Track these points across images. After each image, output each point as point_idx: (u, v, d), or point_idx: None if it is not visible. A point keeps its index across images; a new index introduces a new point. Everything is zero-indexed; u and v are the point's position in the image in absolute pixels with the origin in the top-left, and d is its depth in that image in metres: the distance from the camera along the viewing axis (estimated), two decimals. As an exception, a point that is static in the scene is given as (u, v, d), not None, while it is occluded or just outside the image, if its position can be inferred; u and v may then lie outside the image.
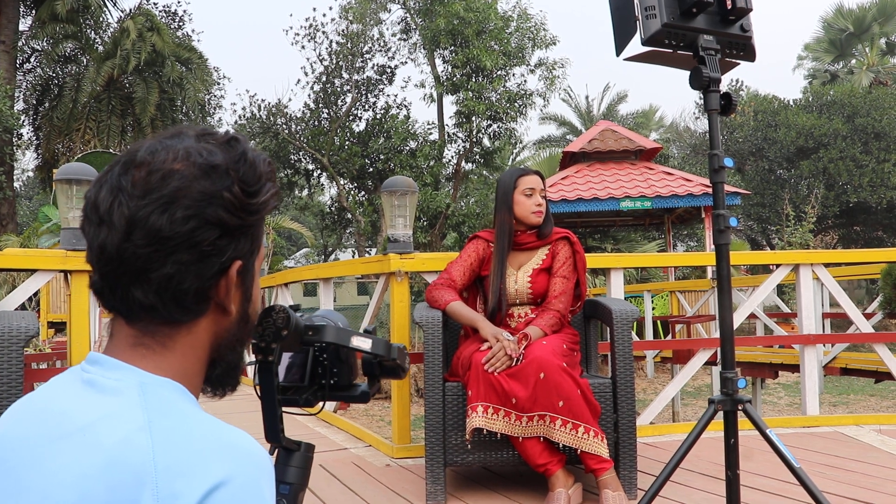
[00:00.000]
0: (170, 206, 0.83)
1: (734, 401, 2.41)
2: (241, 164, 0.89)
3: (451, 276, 3.49)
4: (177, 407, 0.83)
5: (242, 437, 0.82)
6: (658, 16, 2.32)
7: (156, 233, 0.83)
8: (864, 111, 25.42)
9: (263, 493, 0.80)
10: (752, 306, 5.21)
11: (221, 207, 0.86)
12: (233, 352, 0.97)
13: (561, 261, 3.44)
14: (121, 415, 0.79)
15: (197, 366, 0.91)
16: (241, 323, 0.96)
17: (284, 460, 1.13)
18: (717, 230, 2.39)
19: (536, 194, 3.43)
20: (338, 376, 1.26)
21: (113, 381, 0.83)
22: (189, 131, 0.91)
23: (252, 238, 0.92)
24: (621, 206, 13.25)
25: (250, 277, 0.95)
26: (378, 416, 9.88)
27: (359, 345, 1.19)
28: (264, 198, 0.91)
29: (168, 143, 0.88)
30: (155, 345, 0.88)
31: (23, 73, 23.13)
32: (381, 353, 1.21)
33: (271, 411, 1.14)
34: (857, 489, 3.25)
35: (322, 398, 1.27)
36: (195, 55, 23.24)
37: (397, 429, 4.24)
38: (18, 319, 3.00)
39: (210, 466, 0.77)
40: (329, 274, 5.92)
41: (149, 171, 0.85)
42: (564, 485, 3.04)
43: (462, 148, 22.21)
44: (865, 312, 8.74)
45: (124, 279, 0.85)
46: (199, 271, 0.86)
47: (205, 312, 0.90)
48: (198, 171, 0.85)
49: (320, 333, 1.16)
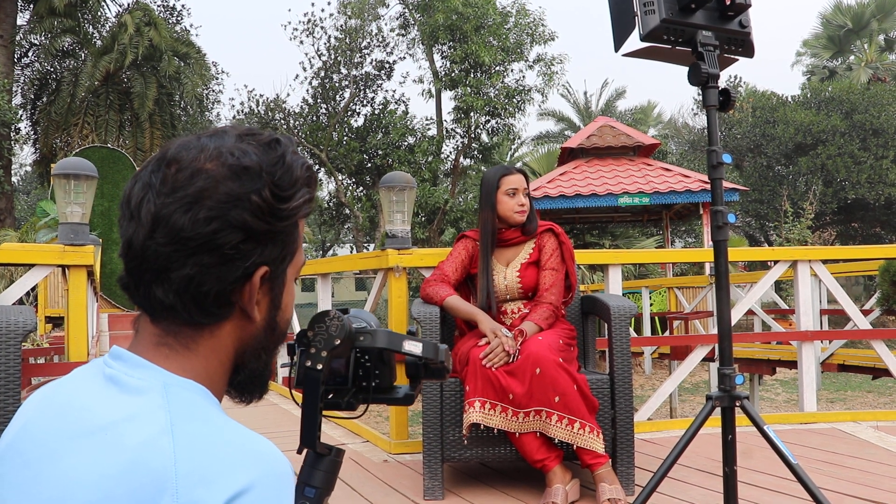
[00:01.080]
0: (193, 205, 0.82)
1: (732, 397, 2.41)
2: (278, 167, 0.87)
3: (445, 272, 3.49)
4: (200, 410, 0.82)
5: (265, 445, 0.81)
6: (656, 11, 2.32)
7: (177, 232, 0.82)
8: (862, 108, 25.42)
9: (284, 502, 0.79)
10: (750, 303, 5.22)
11: (247, 211, 0.84)
12: (257, 360, 0.95)
13: (548, 253, 3.44)
14: (144, 416, 0.79)
15: (220, 370, 0.90)
16: (268, 331, 0.94)
17: (313, 463, 1.11)
18: (716, 226, 2.38)
19: (520, 194, 3.42)
20: (380, 378, 1.24)
21: (136, 379, 0.82)
22: (231, 130, 0.89)
23: (283, 245, 0.89)
24: (619, 202, 13.25)
25: (280, 285, 0.93)
26: (376, 411, 9.88)
27: (411, 349, 1.17)
28: (296, 203, 0.88)
29: (204, 142, 0.87)
30: (178, 346, 0.86)
31: (20, 67, 23.08)
32: (430, 356, 1.19)
33: (312, 418, 1.11)
34: (854, 485, 3.25)
35: (364, 401, 1.25)
36: (193, 50, 23.18)
37: (395, 424, 4.24)
38: (16, 314, 3.00)
39: (232, 474, 0.76)
40: (327, 269, 5.92)
41: (178, 169, 0.84)
42: (562, 480, 3.04)
43: (460, 143, 22.21)
44: (863, 309, 8.76)
45: (146, 276, 0.84)
46: (221, 275, 0.84)
47: (228, 317, 0.88)
48: (227, 171, 0.84)
49: (373, 339, 1.14)
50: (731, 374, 2.42)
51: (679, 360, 8.38)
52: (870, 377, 10.10)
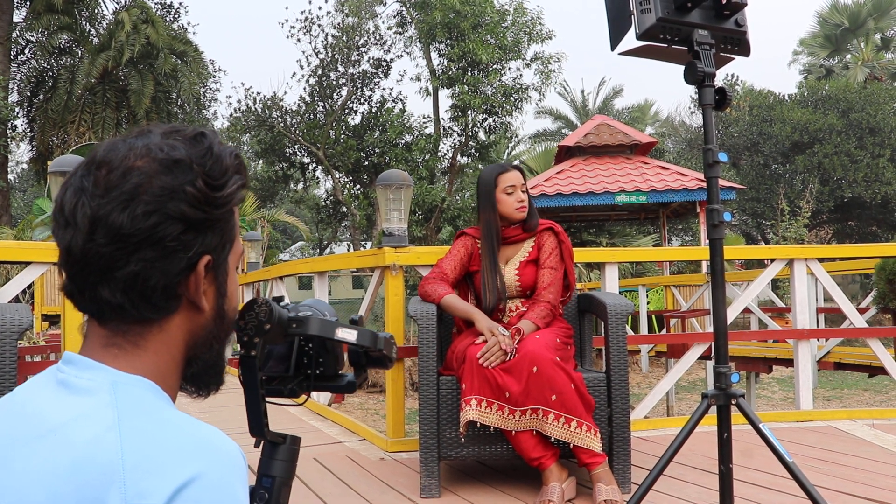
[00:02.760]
0: (130, 202, 0.83)
1: (728, 395, 2.42)
2: (207, 157, 0.88)
3: (443, 270, 3.49)
4: (148, 405, 0.83)
5: (213, 434, 0.82)
6: (653, 10, 2.32)
7: (117, 230, 0.82)
8: (858, 106, 25.46)
9: (235, 490, 0.79)
10: (747, 301, 5.22)
11: (184, 202, 0.85)
12: (209, 350, 0.96)
13: (547, 252, 3.44)
14: (92, 415, 0.79)
15: (171, 364, 0.91)
16: (217, 320, 0.95)
17: (269, 453, 1.12)
18: (712, 225, 2.39)
19: (518, 190, 3.43)
20: (323, 366, 1.25)
21: (85, 380, 0.83)
22: (156, 129, 0.90)
23: (221, 232, 0.91)
24: (616, 200, 13.25)
25: (223, 273, 0.94)
26: (372, 409, 9.89)
27: (344, 336, 1.17)
28: (230, 190, 0.90)
29: (131, 142, 0.88)
30: (127, 344, 0.87)
31: (17, 64, 23.03)
32: (367, 343, 1.19)
33: (255, 405, 1.13)
34: (849, 483, 3.26)
35: (307, 388, 1.26)
36: (190, 48, 23.15)
37: (392, 422, 4.24)
38: (12, 312, 3.00)
39: (179, 464, 0.76)
40: (324, 267, 5.92)
41: (109, 170, 0.84)
42: (558, 479, 3.05)
43: (457, 142, 22.21)
44: (859, 307, 8.77)
45: (91, 279, 0.85)
46: (165, 267, 0.85)
47: (176, 310, 0.89)
48: (159, 166, 0.85)
49: (304, 325, 1.14)
50: (727, 373, 2.43)
51: (676, 358, 8.39)
52: (866, 375, 10.12)
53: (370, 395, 11.57)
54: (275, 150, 23.52)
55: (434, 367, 3.28)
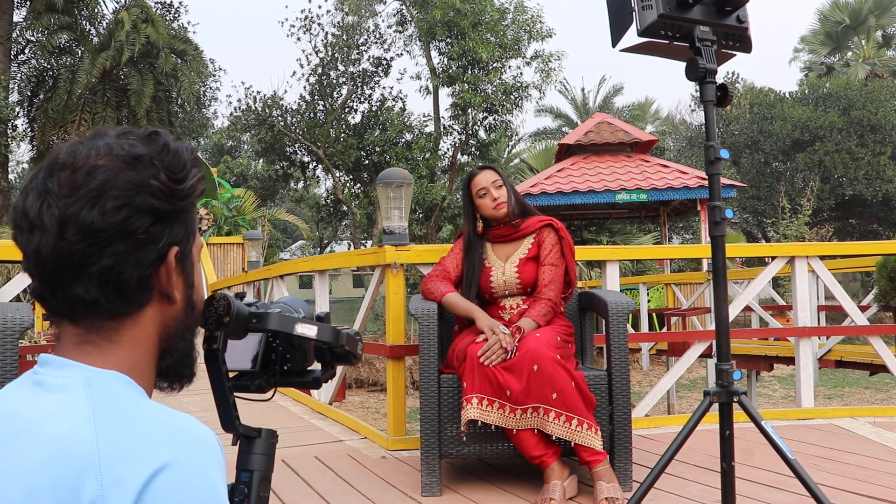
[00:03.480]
0: (99, 198, 0.84)
1: (729, 393, 2.41)
2: (165, 153, 0.90)
3: (445, 268, 3.50)
4: (122, 397, 0.84)
5: (187, 421, 0.83)
6: (654, 7, 2.31)
7: (88, 227, 0.84)
8: (859, 104, 25.46)
9: (210, 474, 0.80)
10: (748, 299, 5.22)
11: (150, 195, 0.87)
12: (182, 340, 0.98)
13: (547, 249, 3.44)
14: (66, 410, 0.81)
15: (146, 357, 0.92)
16: (188, 310, 0.97)
17: (246, 448, 1.14)
18: (713, 222, 2.38)
19: (490, 191, 3.44)
20: (291, 362, 1.27)
21: (60, 378, 0.85)
22: (109, 130, 0.92)
23: (186, 224, 0.93)
24: (617, 198, 13.24)
25: (189, 264, 0.97)
26: (373, 408, 9.89)
27: (303, 332, 1.18)
28: (191, 182, 0.92)
29: (89, 143, 0.89)
30: (101, 340, 0.88)
31: (17, 64, 23.02)
32: (328, 339, 1.20)
33: (223, 399, 1.14)
34: (851, 481, 3.25)
35: (275, 384, 1.28)
36: (190, 47, 23.13)
37: (393, 421, 4.24)
38: (13, 311, 2.99)
39: (154, 450, 0.78)
40: (324, 266, 5.92)
41: (73, 170, 0.86)
42: (559, 477, 3.04)
43: (458, 140, 22.20)
44: (860, 305, 8.77)
45: (63, 278, 0.86)
46: (138, 260, 0.87)
47: (148, 302, 0.91)
48: (122, 163, 0.87)
49: (264, 321, 1.15)
50: (729, 370, 2.42)
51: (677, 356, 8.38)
52: (867, 373, 10.13)
53: (371, 393, 11.57)
54: (275, 148, 23.52)
55: (435, 365, 3.28)
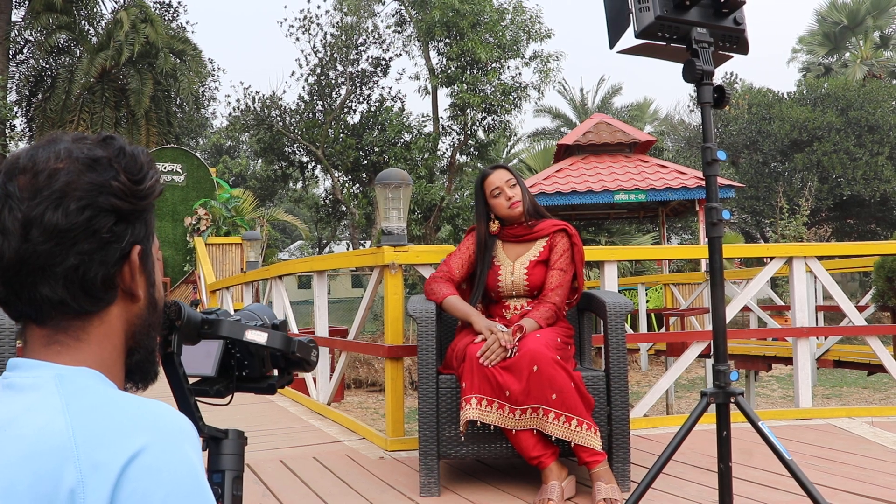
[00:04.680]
0: (62, 200, 0.86)
1: (727, 393, 2.42)
2: (122, 156, 0.92)
3: (450, 268, 3.50)
4: (93, 389, 0.85)
5: (161, 407, 0.85)
6: (651, 8, 2.32)
7: (53, 227, 0.85)
8: (857, 104, 25.48)
9: (188, 455, 0.82)
10: (746, 299, 5.23)
11: (112, 195, 0.89)
12: (148, 337, 1.00)
13: (558, 253, 3.44)
14: (38, 406, 0.82)
15: (114, 354, 0.94)
16: (151, 308, 0.99)
17: (214, 450, 1.15)
18: (710, 223, 2.39)
19: (504, 190, 3.44)
20: (249, 368, 1.30)
21: (30, 379, 0.86)
22: (64, 136, 0.93)
23: (146, 223, 0.95)
24: (615, 198, 13.25)
25: (151, 262, 0.98)
26: (372, 408, 9.89)
27: (253, 339, 1.20)
28: (150, 183, 0.94)
29: (46, 148, 0.90)
30: (69, 340, 0.90)
31: (15, 64, 23.03)
32: (278, 346, 1.22)
33: (184, 401, 1.16)
34: (849, 481, 3.26)
35: (233, 389, 1.31)
36: (189, 47, 23.14)
37: (391, 421, 4.24)
38: (11, 312, 2.99)
39: (130, 435, 0.79)
40: (323, 266, 5.92)
41: (34, 174, 0.87)
42: (558, 477, 3.05)
43: (456, 140, 22.18)
44: (858, 305, 8.78)
45: (29, 279, 0.87)
46: (103, 258, 0.89)
47: (113, 301, 0.92)
48: (82, 165, 0.88)
49: (215, 327, 1.18)
50: (726, 371, 2.43)
51: (675, 356, 8.40)
52: (865, 373, 10.15)
53: (370, 393, 11.57)
54: (274, 149, 23.52)
55: (433, 365, 3.28)
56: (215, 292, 10.35)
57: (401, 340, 4.27)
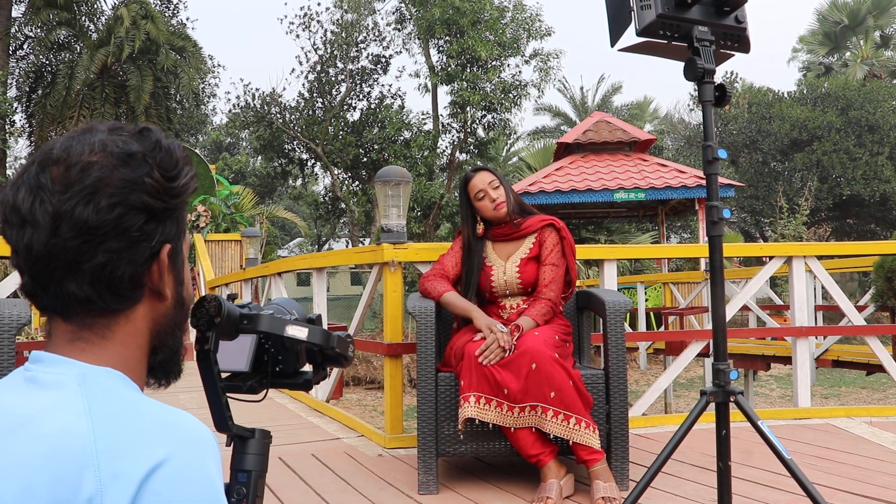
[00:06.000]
0: (93, 196, 0.84)
1: (726, 392, 2.41)
2: (157, 151, 0.90)
3: (444, 266, 3.50)
4: (116, 393, 0.84)
5: (184, 417, 0.83)
6: (653, 7, 2.31)
7: (83, 224, 0.83)
8: (858, 104, 25.47)
9: (208, 469, 0.80)
10: (745, 298, 5.22)
11: (145, 192, 0.87)
12: (172, 336, 0.98)
13: (549, 248, 3.43)
14: (61, 405, 0.80)
15: (138, 353, 0.92)
16: (178, 307, 0.98)
17: (240, 449, 1.13)
18: (710, 221, 2.38)
19: (488, 192, 3.43)
20: (282, 364, 1.27)
21: (53, 375, 0.84)
22: (100, 126, 0.91)
23: (178, 222, 0.93)
24: (615, 197, 13.24)
25: (180, 261, 0.97)
26: (371, 406, 9.89)
27: (294, 334, 1.18)
28: (184, 180, 0.92)
29: (81, 138, 0.88)
30: (94, 337, 0.88)
31: (15, 59, 22.99)
32: (318, 342, 1.20)
33: (216, 399, 1.14)
34: (847, 481, 3.26)
35: (266, 385, 1.29)
36: (189, 43, 23.11)
37: (390, 419, 4.24)
38: (10, 307, 2.99)
39: (152, 445, 0.78)
40: (322, 263, 5.91)
41: (67, 166, 0.85)
42: (556, 475, 3.05)
43: (456, 138, 22.19)
44: (858, 305, 8.78)
45: (56, 275, 0.85)
46: (131, 257, 0.87)
47: (140, 299, 0.91)
48: (116, 160, 0.86)
49: (255, 322, 1.16)
50: (726, 370, 2.42)
51: (674, 355, 8.40)
52: (864, 373, 10.15)
53: (368, 391, 11.57)
54: (273, 146, 23.52)
55: (432, 363, 3.28)
56: (214, 289, 10.35)
57: (400, 338, 4.27)
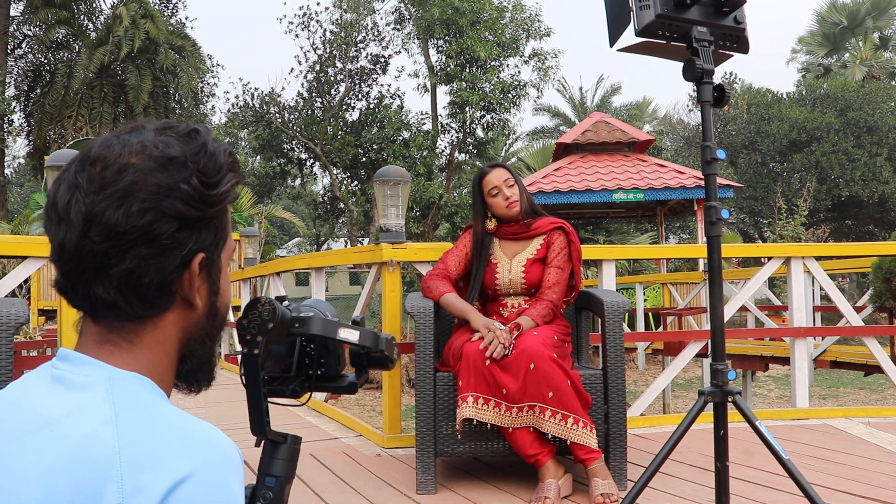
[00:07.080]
0: (125, 200, 0.82)
1: (724, 392, 2.41)
2: (201, 155, 0.88)
3: (447, 265, 3.50)
4: (144, 401, 0.82)
5: (210, 431, 0.82)
6: (652, 7, 2.31)
7: (112, 227, 0.82)
8: (856, 105, 25.49)
9: (231, 486, 0.79)
10: (744, 299, 5.23)
11: (179, 200, 0.84)
12: (203, 346, 0.96)
13: (556, 251, 3.44)
14: (87, 410, 0.79)
15: (166, 361, 0.91)
16: (210, 317, 0.95)
17: (270, 453, 1.12)
18: (709, 222, 2.38)
19: (502, 189, 3.44)
20: (325, 367, 1.26)
21: (81, 376, 0.83)
22: (149, 125, 0.90)
23: (215, 230, 0.91)
24: (614, 197, 13.24)
25: (216, 270, 0.94)
26: (369, 405, 9.88)
27: (346, 337, 1.17)
28: (224, 188, 0.90)
29: (125, 138, 0.87)
30: (122, 341, 0.87)
31: (14, 58, 22.99)
32: (369, 344, 1.19)
33: (257, 404, 1.13)
34: (845, 481, 3.26)
35: (309, 389, 1.27)
36: (189, 42, 23.11)
37: (388, 419, 4.24)
38: (9, 306, 2.99)
39: (176, 459, 0.76)
40: (321, 263, 5.91)
41: (104, 167, 0.84)
42: (554, 475, 3.05)
43: (455, 138, 22.19)
44: (856, 306, 8.79)
45: (84, 276, 0.84)
46: (160, 265, 0.85)
47: (170, 307, 0.89)
48: (154, 163, 0.84)
49: (307, 325, 1.15)
50: (724, 370, 2.43)
51: (672, 355, 8.40)
52: (862, 374, 10.14)
53: (367, 391, 11.56)
54: (272, 145, 23.50)
55: (431, 363, 3.28)
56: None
57: (398, 338, 4.27)
